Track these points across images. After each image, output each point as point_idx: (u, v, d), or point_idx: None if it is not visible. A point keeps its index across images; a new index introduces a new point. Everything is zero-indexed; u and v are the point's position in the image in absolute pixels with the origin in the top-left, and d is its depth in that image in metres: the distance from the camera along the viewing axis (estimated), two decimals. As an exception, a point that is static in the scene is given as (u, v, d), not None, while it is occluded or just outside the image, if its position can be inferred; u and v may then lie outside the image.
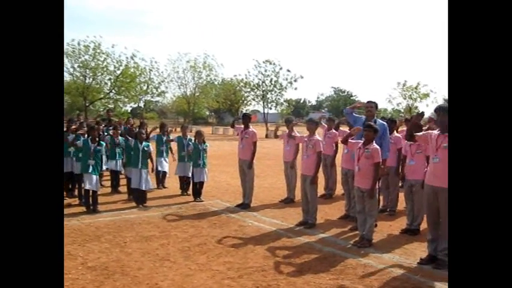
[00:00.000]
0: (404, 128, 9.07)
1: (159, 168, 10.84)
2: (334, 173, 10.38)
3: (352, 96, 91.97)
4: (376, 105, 7.52)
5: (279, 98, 46.97)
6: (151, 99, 49.84)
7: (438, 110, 5.57)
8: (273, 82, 45.62)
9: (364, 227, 6.48)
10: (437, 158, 5.53)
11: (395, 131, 8.62)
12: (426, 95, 51.70)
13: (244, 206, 9.06)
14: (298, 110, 67.47)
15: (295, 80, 45.42)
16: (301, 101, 78.25)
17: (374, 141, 6.50)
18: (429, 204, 5.68)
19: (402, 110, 53.55)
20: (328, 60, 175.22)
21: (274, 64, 44.93)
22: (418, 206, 6.99)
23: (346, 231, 7.29)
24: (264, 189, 11.30)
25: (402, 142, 8.00)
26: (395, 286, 4.99)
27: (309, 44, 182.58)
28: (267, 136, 39.79)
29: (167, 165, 11.27)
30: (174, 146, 11.10)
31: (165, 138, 11.12)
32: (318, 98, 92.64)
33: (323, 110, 78.32)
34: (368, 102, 7.59)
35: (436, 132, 5.74)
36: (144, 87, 42.67)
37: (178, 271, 5.39)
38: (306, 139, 7.84)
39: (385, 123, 7.50)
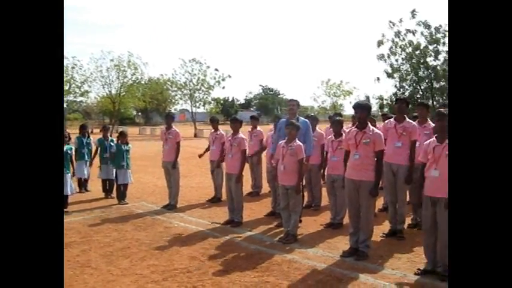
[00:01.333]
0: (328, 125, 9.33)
1: (80, 172, 10.38)
2: (260, 171, 10.47)
3: (279, 94, 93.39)
4: (297, 103, 7.64)
5: (206, 97, 46.71)
6: (75, 99, 47.77)
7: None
8: (200, 81, 45.27)
9: (289, 223, 6.58)
10: (358, 154, 5.73)
11: (317, 128, 8.81)
12: (349, 92, 53.61)
13: (170, 207, 8.92)
14: (226, 109, 67.46)
15: (223, 79, 45.35)
16: (230, 100, 78.31)
17: (297, 139, 6.61)
18: (350, 198, 5.87)
19: (328, 108, 55.15)
20: (256, 59, 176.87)
21: (200, 63, 44.63)
22: (340, 200, 7.19)
23: (272, 228, 7.36)
24: (191, 189, 11.19)
25: (324, 139, 8.21)
26: (319, 280, 5.09)
27: (236, 43, 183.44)
28: (195, 135, 39.49)
29: (88, 168, 10.80)
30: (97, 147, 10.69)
31: (85, 140, 10.67)
32: (246, 96, 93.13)
33: (252, 109, 78.82)
34: (290, 100, 7.70)
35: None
36: (66, 87, 40.79)
37: (99, 277, 5.19)
38: (230, 138, 7.83)
39: (307, 120, 7.65)
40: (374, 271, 5.35)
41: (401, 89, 23.34)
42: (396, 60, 23.03)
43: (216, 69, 45.14)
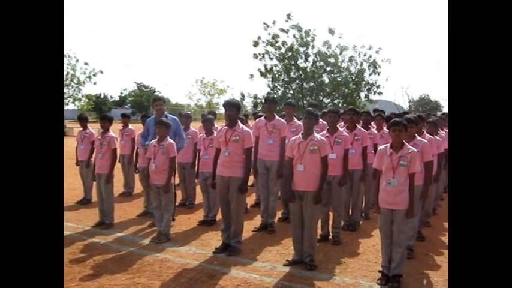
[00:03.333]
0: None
1: None
2: (133, 170, 10.19)
3: (155, 91, 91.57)
4: (164, 101, 7.64)
5: (76, 94, 44.23)
6: None
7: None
8: (69, 76, 42.74)
9: (162, 222, 6.50)
10: (227, 151, 5.85)
11: (191, 126, 8.82)
12: (223, 91, 54.45)
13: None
14: (99, 106, 64.43)
15: (94, 75, 43.26)
16: (102, 96, 74.90)
17: (168, 137, 6.56)
18: (221, 194, 5.96)
19: (204, 106, 55.43)
20: (130, 55, 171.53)
21: (69, 56, 42.15)
22: (213, 197, 7.27)
23: (145, 229, 7.20)
24: (59, 191, 10.49)
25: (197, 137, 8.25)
26: (191, 277, 5.10)
27: (108, 38, 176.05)
28: (65, 134, 37.20)
29: None
30: None
31: None
32: (121, 93, 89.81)
33: (126, 106, 76.24)
34: (156, 100, 7.71)
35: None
36: None
37: None
38: (99, 137, 7.52)
39: (175, 117, 7.65)
40: (245, 265, 5.50)
41: (274, 89, 24.19)
42: (271, 59, 23.80)
43: (86, 63, 42.99)
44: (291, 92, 23.98)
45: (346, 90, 23.28)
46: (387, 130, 6.28)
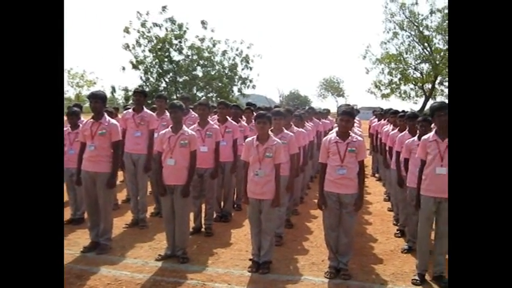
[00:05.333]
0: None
1: None
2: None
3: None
4: None
5: None
6: None
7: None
8: None
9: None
10: (93, 146, 5.61)
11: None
12: (93, 82, 52.13)
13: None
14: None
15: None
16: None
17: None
18: (87, 190, 5.72)
19: (72, 99, 52.46)
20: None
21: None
22: (80, 194, 6.92)
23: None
24: None
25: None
26: (56, 280, 4.82)
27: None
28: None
29: None
30: None
31: None
32: None
33: None
34: None
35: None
36: None
37: None
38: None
39: None
40: (115, 262, 5.34)
41: (147, 81, 23.71)
42: (143, 51, 23.23)
43: None
44: (164, 85, 23.68)
45: (220, 84, 23.59)
46: None
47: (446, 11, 26.47)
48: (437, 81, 28.55)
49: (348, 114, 5.01)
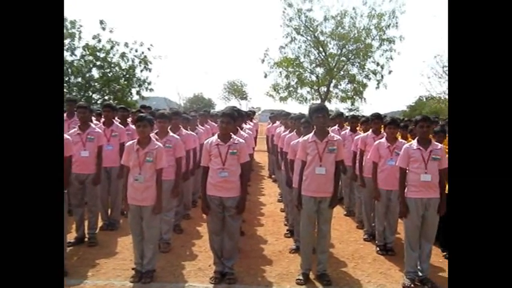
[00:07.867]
0: None
1: None
2: None
3: None
4: None
5: None
6: None
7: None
8: None
9: None
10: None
11: None
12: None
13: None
14: None
15: None
16: None
17: None
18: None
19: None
20: None
21: None
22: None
23: None
24: None
25: None
26: None
27: None
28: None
29: None
30: None
31: None
32: None
33: None
34: None
35: None
36: None
37: None
38: None
39: None
40: None
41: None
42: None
43: None
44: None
45: (117, 86, 22.66)
46: None
47: (339, 18, 27.79)
48: (332, 84, 29.69)
49: (227, 116, 4.93)
